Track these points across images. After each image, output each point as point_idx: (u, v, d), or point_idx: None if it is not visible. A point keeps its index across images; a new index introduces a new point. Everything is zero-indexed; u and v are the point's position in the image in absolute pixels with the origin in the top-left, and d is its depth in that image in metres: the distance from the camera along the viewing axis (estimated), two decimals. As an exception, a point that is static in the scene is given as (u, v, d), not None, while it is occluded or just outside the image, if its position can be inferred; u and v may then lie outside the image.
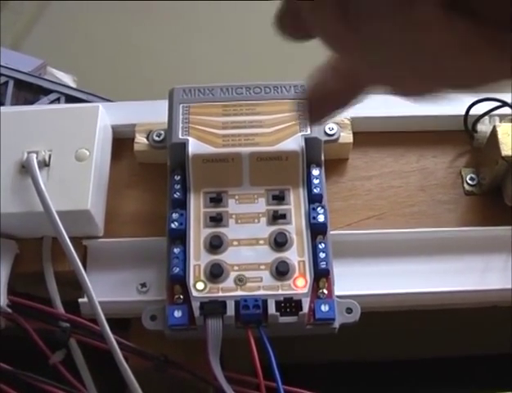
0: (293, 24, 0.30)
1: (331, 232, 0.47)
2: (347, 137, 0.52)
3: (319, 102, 0.36)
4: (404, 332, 0.65)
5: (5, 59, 0.81)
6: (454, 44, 0.24)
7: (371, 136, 0.54)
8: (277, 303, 0.43)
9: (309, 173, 0.48)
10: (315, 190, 0.48)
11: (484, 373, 0.67)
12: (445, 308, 0.50)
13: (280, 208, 0.47)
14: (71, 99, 0.73)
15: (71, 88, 0.76)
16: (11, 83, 0.73)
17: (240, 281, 0.44)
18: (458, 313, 0.52)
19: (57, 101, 0.73)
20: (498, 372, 0.61)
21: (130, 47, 1.43)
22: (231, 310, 0.43)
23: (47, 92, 0.74)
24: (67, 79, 0.91)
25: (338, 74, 0.34)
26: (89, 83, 0.88)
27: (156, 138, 0.52)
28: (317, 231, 0.46)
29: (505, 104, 0.53)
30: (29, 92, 0.74)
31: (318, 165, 0.49)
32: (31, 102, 0.73)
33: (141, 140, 0.53)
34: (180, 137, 0.49)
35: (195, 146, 0.48)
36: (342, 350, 0.65)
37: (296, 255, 0.45)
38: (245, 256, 0.45)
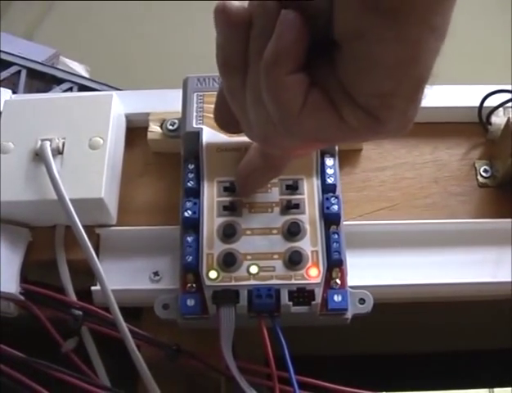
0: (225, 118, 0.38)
1: (344, 223, 0.47)
2: (361, 127, 0.52)
3: (246, 179, 0.45)
4: (415, 325, 0.65)
5: (18, 48, 0.80)
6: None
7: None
8: (290, 292, 0.43)
9: (323, 163, 0.48)
10: (329, 180, 0.47)
11: (497, 368, 0.67)
12: (457, 300, 0.49)
13: (294, 197, 0.47)
14: (84, 89, 0.73)
15: (84, 77, 0.76)
16: (23, 73, 0.73)
17: (253, 270, 0.44)
18: (470, 306, 0.52)
19: (70, 90, 0.73)
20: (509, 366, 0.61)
21: (143, 37, 1.43)
22: (243, 299, 0.43)
23: (60, 81, 0.74)
24: (80, 68, 0.91)
25: (258, 154, 0.42)
26: (102, 73, 0.88)
27: (170, 127, 0.52)
28: (331, 221, 0.46)
29: (519, 96, 0.53)
30: (42, 81, 0.74)
31: (332, 155, 0.49)
32: (43, 92, 0.73)
33: (154, 129, 0.53)
34: (194, 125, 0.49)
35: (209, 135, 0.48)
36: (352, 343, 0.65)
37: (309, 244, 0.45)
38: (258, 245, 0.45)
